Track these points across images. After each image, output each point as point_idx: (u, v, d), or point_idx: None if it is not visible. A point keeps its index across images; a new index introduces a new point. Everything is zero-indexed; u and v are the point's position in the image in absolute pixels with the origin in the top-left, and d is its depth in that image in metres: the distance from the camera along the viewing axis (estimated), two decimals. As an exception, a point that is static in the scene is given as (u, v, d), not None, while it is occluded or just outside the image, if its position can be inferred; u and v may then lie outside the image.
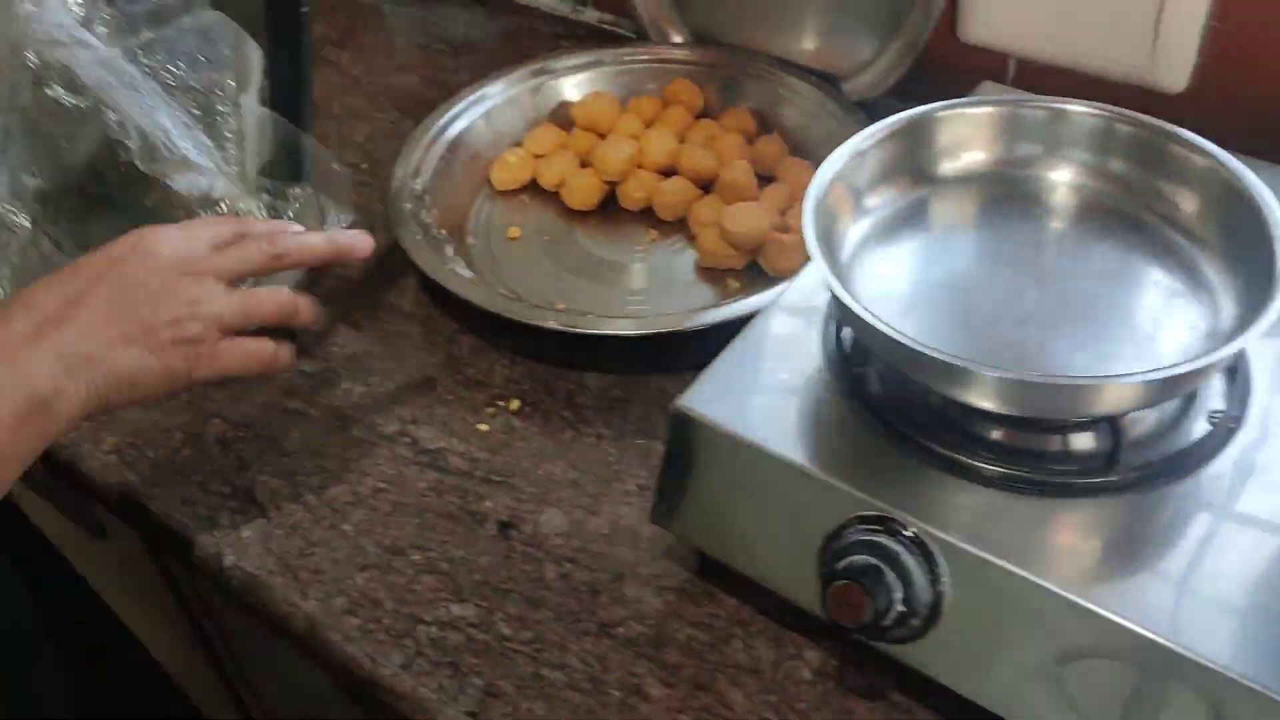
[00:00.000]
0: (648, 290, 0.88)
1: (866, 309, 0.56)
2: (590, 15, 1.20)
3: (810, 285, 0.69)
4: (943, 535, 0.54)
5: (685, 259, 0.90)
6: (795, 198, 0.89)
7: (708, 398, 0.62)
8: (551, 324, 0.78)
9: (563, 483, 0.74)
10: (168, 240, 0.63)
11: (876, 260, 0.65)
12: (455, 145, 0.96)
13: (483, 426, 0.78)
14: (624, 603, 0.67)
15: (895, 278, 0.64)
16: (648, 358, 0.80)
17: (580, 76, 1.02)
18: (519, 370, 0.82)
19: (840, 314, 0.62)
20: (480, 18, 1.22)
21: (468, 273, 0.85)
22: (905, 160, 0.67)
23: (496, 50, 1.16)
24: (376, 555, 0.70)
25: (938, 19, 0.89)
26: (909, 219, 0.67)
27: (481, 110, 0.99)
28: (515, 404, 0.79)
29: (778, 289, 0.77)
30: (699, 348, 0.69)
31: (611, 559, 0.69)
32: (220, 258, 0.64)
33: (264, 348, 0.66)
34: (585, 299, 0.86)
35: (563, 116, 1.01)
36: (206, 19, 0.82)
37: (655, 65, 1.03)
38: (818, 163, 0.92)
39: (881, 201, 0.67)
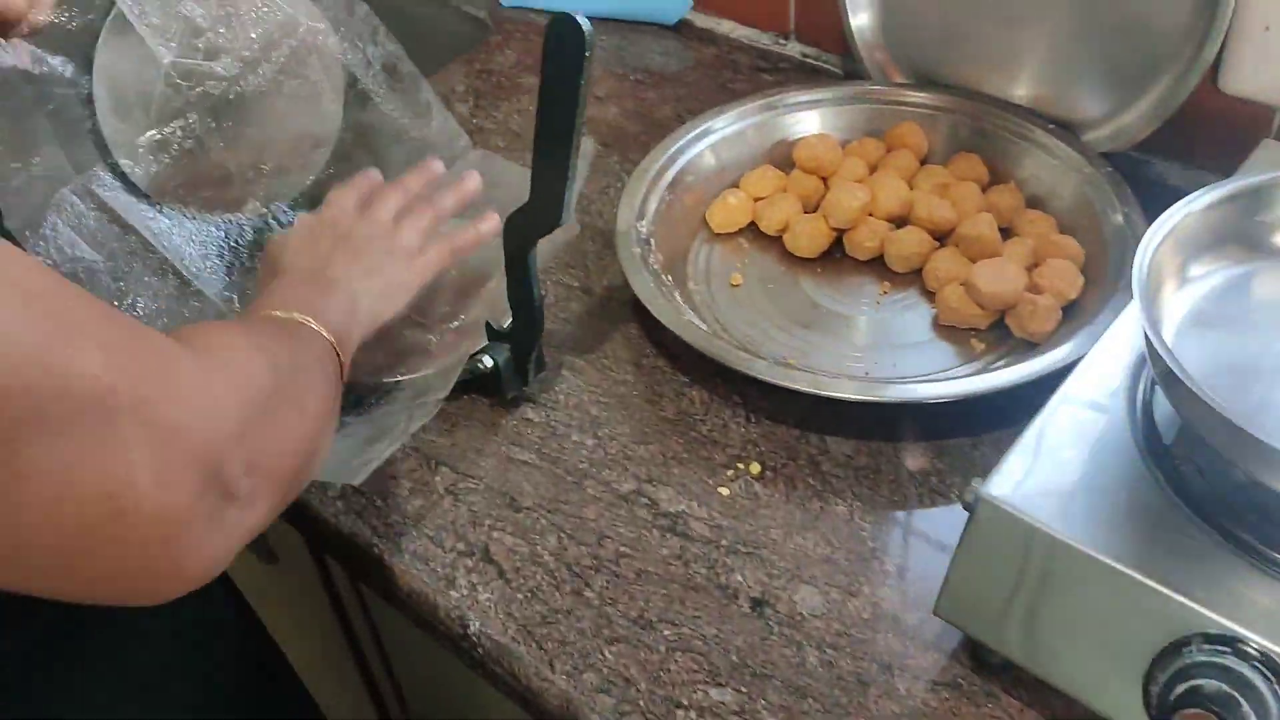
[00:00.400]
0: (878, 346, 0.83)
1: (1216, 401, 0.50)
2: (793, 49, 1.16)
3: (1109, 358, 0.64)
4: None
5: (919, 314, 0.85)
6: (1041, 255, 0.84)
7: (1014, 486, 0.57)
8: (804, 387, 0.73)
9: (816, 558, 0.69)
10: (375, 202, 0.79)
11: (1203, 336, 0.59)
12: (676, 184, 0.93)
13: (723, 490, 0.74)
14: (895, 698, 0.62)
15: (1224, 357, 0.58)
16: (896, 423, 0.76)
17: (804, 115, 0.98)
18: (755, 430, 0.77)
19: (1176, 399, 0.57)
20: (676, 47, 1.19)
21: (702, 324, 0.81)
22: (1239, 227, 0.62)
23: (696, 83, 1.12)
24: (625, 627, 0.66)
25: (1205, 72, 0.84)
26: (1238, 292, 0.61)
27: (703, 146, 0.95)
28: (756, 468, 0.75)
29: (1050, 357, 0.72)
30: (958, 416, 0.64)
31: (876, 647, 0.65)
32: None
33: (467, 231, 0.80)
34: (812, 352, 0.82)
35: (780, 156, 0.97)
36: None
37: (881, 106, 0.98)
38: (1058, 217, 0.88)
39: (1208, 270, 0.62)
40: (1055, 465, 0.59)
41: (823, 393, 0.73)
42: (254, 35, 0.81)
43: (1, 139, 0.73)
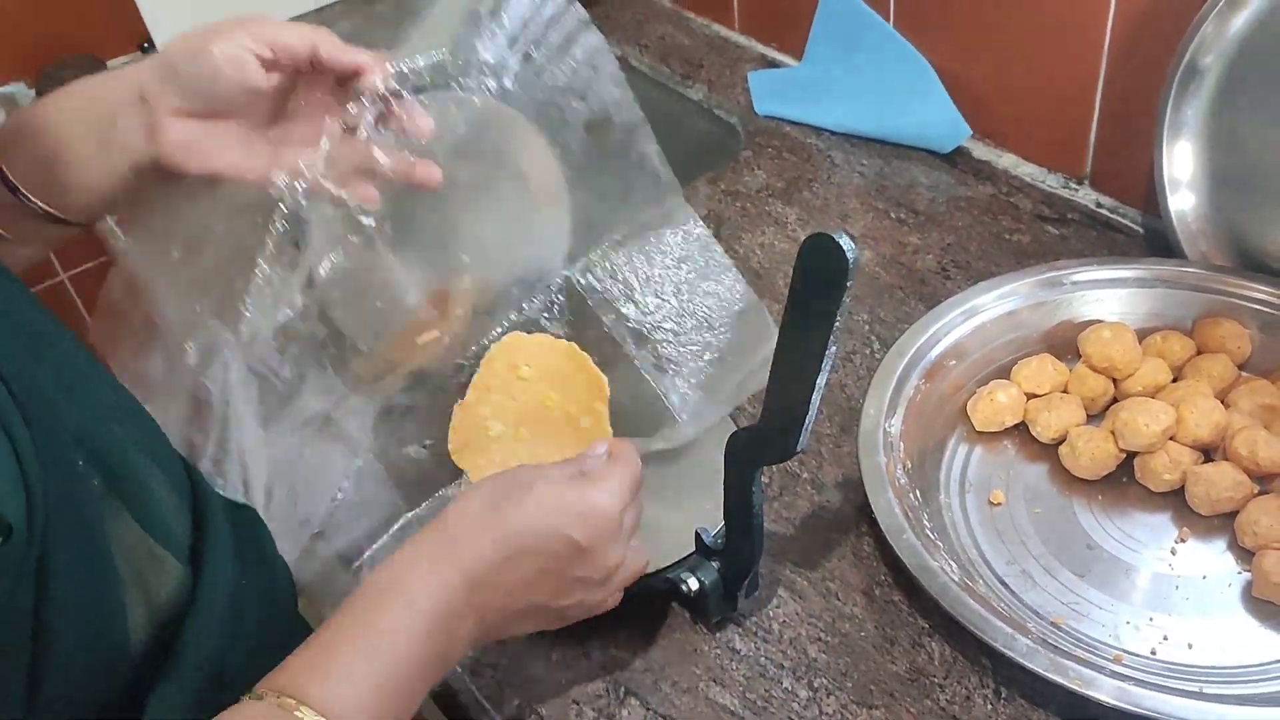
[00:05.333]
0: (1169, 611, 0.68)
1: None
2: (1086, 196, 1.00)
3: None
4: None
5: (1226, 577, 0.69)
6: (1400, 523, 0.66)
7: None
8: (1072, 684, 0.59)
9: None
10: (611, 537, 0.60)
11: None
12: (935, 371, 0.80)
13: (960, 791, 0.61)
14: None
15: None
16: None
17: (1096, 295, 0.83)
18: (1005, 711, 0.64)
19: None
20: (947, 181, 1.05)
21: (952, 565, 0.68)
22: None
23: (967, 229, 0.99)
24: None
25: None
26: None
27: (970, 327, 0.82)
28: (1004, 764, 0.61)
29: None
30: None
31: None
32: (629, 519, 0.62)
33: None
34: (1086, 610, 0.68)
35: (1062, 340, 0.83)
36: None
37: (1194, 294, 0.82)
38: None
39: None
40: None
41: (1093, 696, 0.59)
42: None
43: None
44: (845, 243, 0.52)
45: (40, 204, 0.60)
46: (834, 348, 0.55)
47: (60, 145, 0.59)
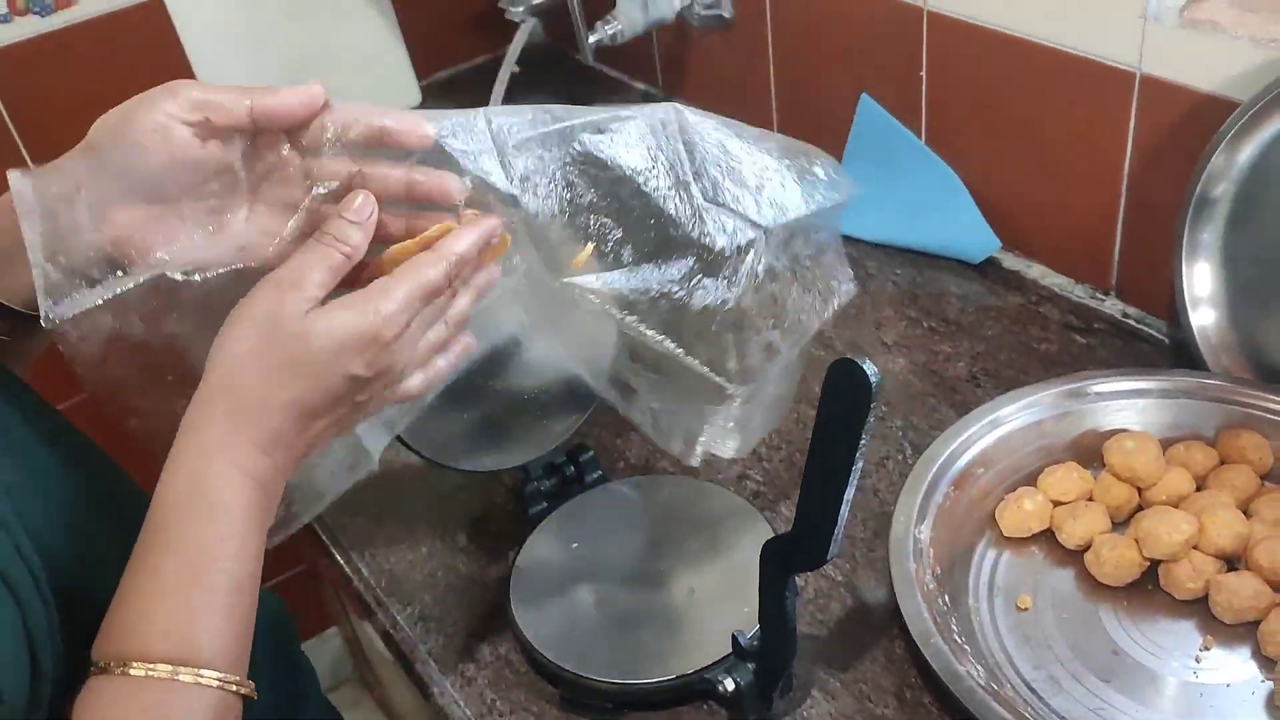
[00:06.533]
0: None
1: None
2: (1113, 306, 1.04)
3: None
4: None
5: (1249, 686, 0.71)
6: None
7: None
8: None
9: None
10: (397, 349, 0.56)
11: None
12: (964, 479, 0.83)
13: None
14: None
15: None
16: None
17: (1120, 404, 0.86)
18: (1032, 813, 0.66)
19: None
20: (978, 290, 1.10)
21: (979, 670, 0.71)
22: None
23: (997, 338, 1.03)
24: None
25: None
26: None
27: (997, 436, 0.85)
28: None
29: None
30: None
31: None
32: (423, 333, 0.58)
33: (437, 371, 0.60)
34: (1109, 714, 0.70)
35: (1087, 448, 0.86)
36: None
37: (1216, 405, 0.85)
38: None
39: None
40: None
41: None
42: None
43: None
44: (869, 368, 0.56)
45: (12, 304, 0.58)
46: (860, 462, 0.59)
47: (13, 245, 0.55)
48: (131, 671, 0.50)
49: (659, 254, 0.63)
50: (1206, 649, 0.74)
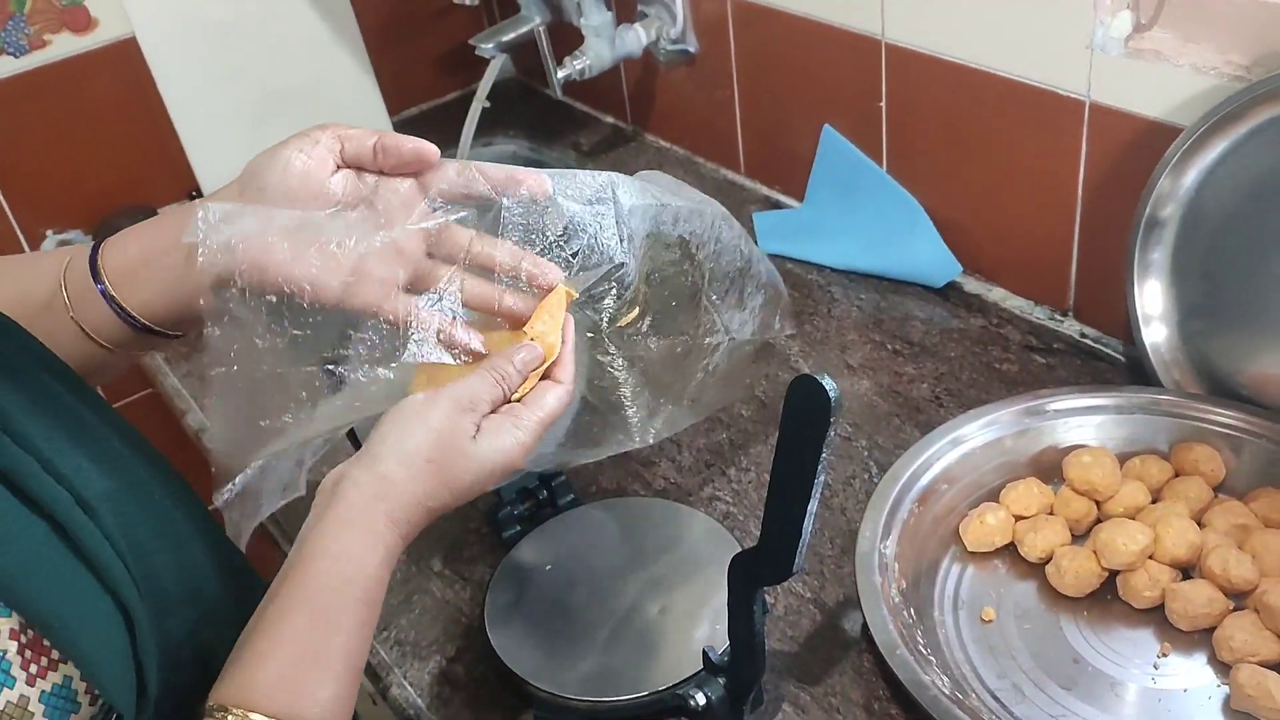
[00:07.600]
0: (1154, 724, 0.72)
1: None
2: (1071, 327, 1.07)
3: None
4: None
5: (1206, 690, 0.73)
6: (1368, 638, 0.71)
7: None
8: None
9: None
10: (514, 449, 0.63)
11: None
12: (928, 495, 0.85)
13: None
14: None
15: None
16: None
17: (1078, 421, 0.89)
18: (998, 818, 0.68)
19: None
20: (940, 314, 1.12)
21: (944, 680, 0.73)
22: None
23: (959, 359, 1.05)
24: None
25: None
26: None
27: (959, 454, 0.88)
28: None
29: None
30: None
31: None
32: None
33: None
34: (1072, 720, 0.72)
35: (1048, 464, 0.88)
36: None
37: (1170, 419, 0.88)
38: None
39: None
40: None
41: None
42: None
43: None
44: (828, 384, 0.58)
45: (138, 316, 0.63)
46: (823, 476, 0.61)
47: (151, 257, 0.62)
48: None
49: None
50: (1164, 655, 0.76)
